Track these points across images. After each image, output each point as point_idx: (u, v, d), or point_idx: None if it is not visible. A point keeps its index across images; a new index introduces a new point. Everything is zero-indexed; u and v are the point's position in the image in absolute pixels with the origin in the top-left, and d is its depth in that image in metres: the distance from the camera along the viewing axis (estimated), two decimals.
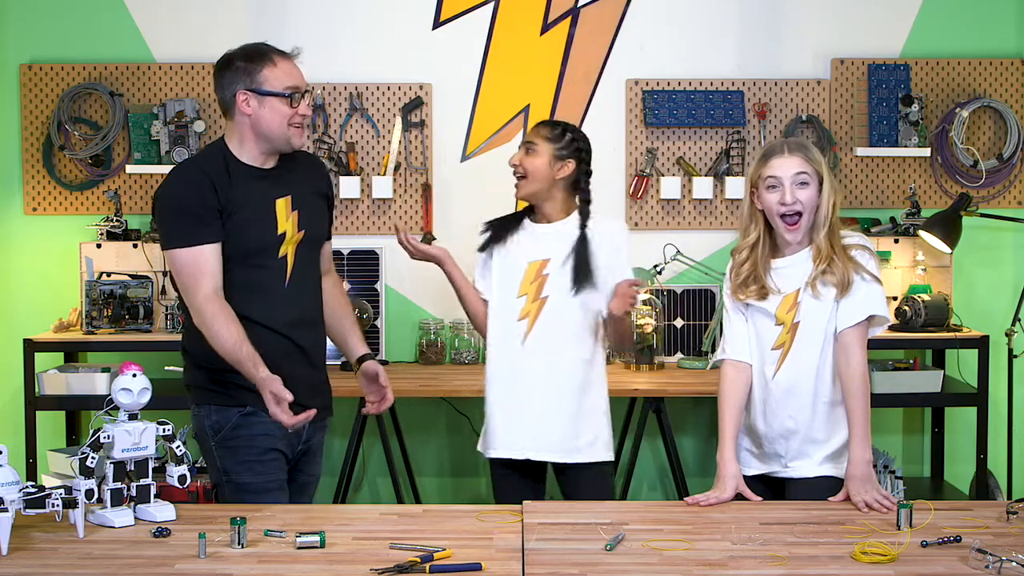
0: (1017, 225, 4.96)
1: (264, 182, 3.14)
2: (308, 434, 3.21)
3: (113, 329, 4.65)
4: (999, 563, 2.43)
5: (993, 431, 4.70)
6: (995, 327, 4.76)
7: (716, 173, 4.98)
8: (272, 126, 3.09)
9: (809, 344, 3.06)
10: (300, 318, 3.19)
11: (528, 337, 3.51)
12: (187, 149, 4.83)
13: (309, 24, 4.92)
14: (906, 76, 4.95)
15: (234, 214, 3.07)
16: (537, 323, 3.50)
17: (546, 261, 3.52)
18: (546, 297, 3.51)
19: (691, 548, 2.60)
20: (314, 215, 3.23)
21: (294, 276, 3.17)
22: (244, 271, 3.10)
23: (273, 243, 3.13)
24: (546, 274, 3.51)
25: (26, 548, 2.58)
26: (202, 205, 3.04)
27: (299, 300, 3.19)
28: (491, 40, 4.98)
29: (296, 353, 3.16)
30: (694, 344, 4.92)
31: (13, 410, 4.83)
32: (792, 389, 3.08)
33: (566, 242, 3.51)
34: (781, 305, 3.08)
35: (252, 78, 3.08)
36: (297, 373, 3.11)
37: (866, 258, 3.07)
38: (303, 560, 2.52)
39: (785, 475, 3.13)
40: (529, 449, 3.53)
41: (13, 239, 4.98)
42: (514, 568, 2.47)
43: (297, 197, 3.17)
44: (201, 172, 3.10)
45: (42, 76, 4.91)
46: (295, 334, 3.16)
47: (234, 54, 3.14)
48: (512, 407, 3.54)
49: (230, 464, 3.13)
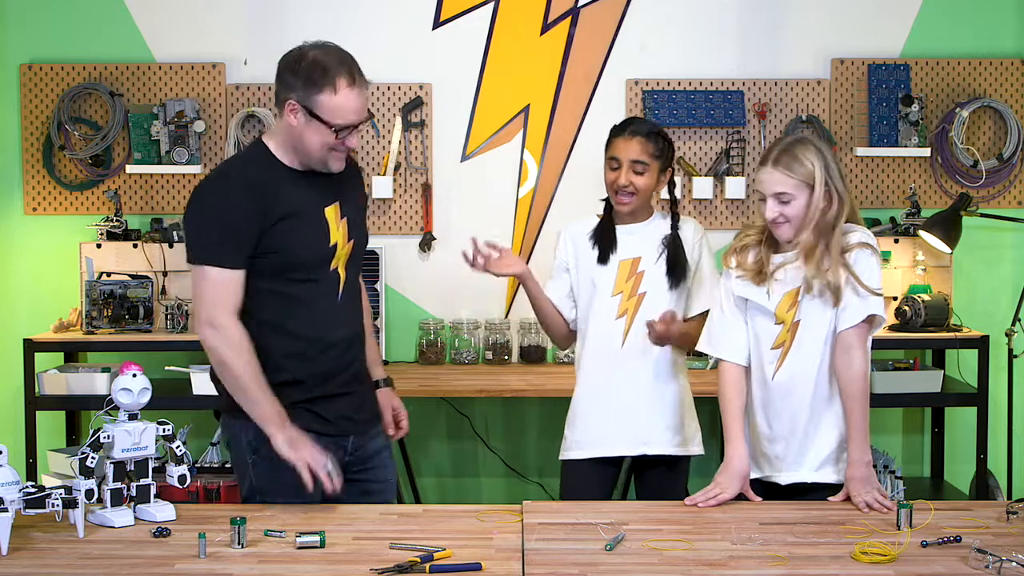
0: (1017, 225, 4.96)
1: (311, 188, 2.97)
2: (354, 445, 3.06)
3: (113, 329, 4.65)
4: (999, 563, 2.43)
5: (993, 431, 4.70)
6: (995, 327, 4.76)
7: (716, 173, 4.98)
8: (311, 147, 2.91)
9: (809, 343, 3.04)
10: (354, 334, 3.06)
11: (628, 333, 3.49)
12: (187, 149, 4.83)
13: (309, 24, 4.92)
14: (906, 76, 4.95)
15: (281, 221, 2.90)
16: (636, 320, 3.48)
17: (638, 259, 3.50)
18: (643, 293, 3.49)
19: (691, 548, 2.60)
20: (359, 223, 3.07)
21: (346, 290, 3.01)
22: (293, 285, 2.94)
23: (325, 255, 2.96)
24: (641, 271, 3.49)
25: (26, 548, 2.58)
26: (243, 227, 2.87)
27: (351, 316, 3.06)
28: (491, 40, 4.98)
29: (347, 371, 3.04)
30: None
31: (13, 410, 4.83)
32: (792, 389, 3.07)
33: (654, 239, 3.50)
34: (781, 303, 3.06)
35: (307, 95, 2.87)
36: (347, 391, 3.03)
37: (865, 258, 3.02)
38: (303, 560, 2.52)
39: (784, 480, 3.10)
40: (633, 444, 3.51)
41: (13, 239, 4.98)
42: (514, 568, 2.47)
43: (344, 204, 3.01)
44: (247, 186, 2.90)
45: (42, 76, 4.91)
46: (349, 353, 3.04)
47: (296, 60, 2.91)
48: (612, 404, 3.51)
49: (265, 484, 3.00)
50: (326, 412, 3.00)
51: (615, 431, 3.51)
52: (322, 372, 2.98)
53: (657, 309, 3.44)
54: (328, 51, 2.91)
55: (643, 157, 3.43)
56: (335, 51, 2.92)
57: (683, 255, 3.50)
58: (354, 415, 3.05)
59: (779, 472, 3.11)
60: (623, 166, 3.44)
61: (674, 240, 3.50)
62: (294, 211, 2.92)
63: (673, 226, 3.52)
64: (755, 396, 3.13)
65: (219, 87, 4.93)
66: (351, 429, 3.05)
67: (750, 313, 3.12)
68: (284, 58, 2.95)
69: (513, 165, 4.99)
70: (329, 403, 3.01)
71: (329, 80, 2.86)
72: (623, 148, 3.45)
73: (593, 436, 3.53)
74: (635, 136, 3.45)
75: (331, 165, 2.95)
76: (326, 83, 2.86)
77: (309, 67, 2.88)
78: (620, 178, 3.44)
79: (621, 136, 3.47)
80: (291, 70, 2.91)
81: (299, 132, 2.90)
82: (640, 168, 3.43)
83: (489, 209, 4.98)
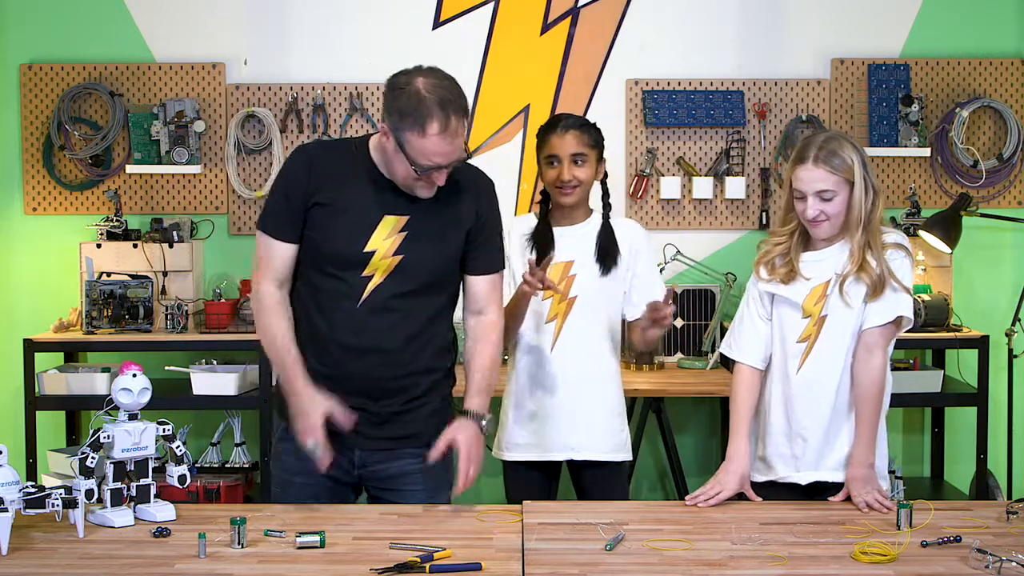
0: (1017, 225, 4.96)
1: (382, 191, 2.90)
2: (363, 460, 2.99)
3: (113, 329, 4.65)
4: (999, 563, 2.43)
5: (993, 431, 4.70)
6: (995, 327, 4.76)
7: (716, 173, 4.98)
8: (396, 174, 2.86)
9: (835, 339, 3.01)
10: (375, 349, 2.91)
11: (558, 338, 3.49)
12: (187, 149, 4.83)
13: (309, 24, 4.93)
14: (906, 76, 4.95)
15: (327, 206, 2.87)
16: (566, 324, 3.48)
17: (571, 262, 3.49)
18: (574, 298, 3.48)
19: (691, 548, 2.60)
20: (431, 245, 2.91)
21: (372, 299, 2.89)
22: (322, 278, 2.91)
23: (358, 258, 2.88)
24: (573, 275, 3.49)
25: (26, 548, 2.58)
26: (294, 197, 2.89)
27: (372, 325, 2.90)
28: (491, 40, 4.98)
29: (359, 383, 2.93)
30: (694, 344, 4.92)
31: (13, 410, 4.83)
32: (816, 385, 3.04)
33: (588, 241, 3.50)
34: (809, 297, 3.03)
35: (400, 126, 2.78)
36: (360, 406, 2.94)
37: (900, 259, 3.00)
38: (303, 560, 2.52)
39: (804, 480, 3.07)
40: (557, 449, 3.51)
41: (13, 239, 4.98)
42: (514, 568, 2.47)
43: (417, 220, 2.90)
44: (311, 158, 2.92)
45: (42, 76, 4.91)
46: (362, 363, 2.92)
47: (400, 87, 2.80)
48: (541, 407, 3.51)
49: (274, 473, 3.07)
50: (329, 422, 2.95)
51: (541, 435, 3.51)
52: (331, 372, 2.94)
53: (588, 314, 3.42)
54: (434, 85, 2.79)
55: (581, 149, 3.44)
56: (440, 87, 2.80)
57: (614, 245, 3.48)
58: (365, 431, 2.95)
59: (797, 472, 3.07)
60: (564, 161, 3.44)
61: (605, 228, 3.50)
62: (342, 201, 2.88)
63: (605, 216, 3.52)
64: (776, 393, 3.09)
65: (219, 87, 4.93)
66: (358, 443, 2.97)
67: (777, 307, 3.09)
68: (393, 77, 2.85)
69: (513, 165, 4.99)
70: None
71: (420, 121, 2.76)
72: (559, 144, 3.45)
73: (523, 439, 3.53)
74: (569, 130, 3.46)
75: (418, 193, 2.88)
76: (417, 123, 2.76)
77: (408, 99, 2.78)
78: (563, 173, 3.44)
79: (554, 133, 3.47)
80: (393, 94, 2.82)
81: (390, 155, 2.86)
82: (581, 160, 3.45)
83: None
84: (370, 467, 3.00)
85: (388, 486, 3.01)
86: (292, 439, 2.95)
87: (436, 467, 3.00)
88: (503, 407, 3.59)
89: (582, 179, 3.45)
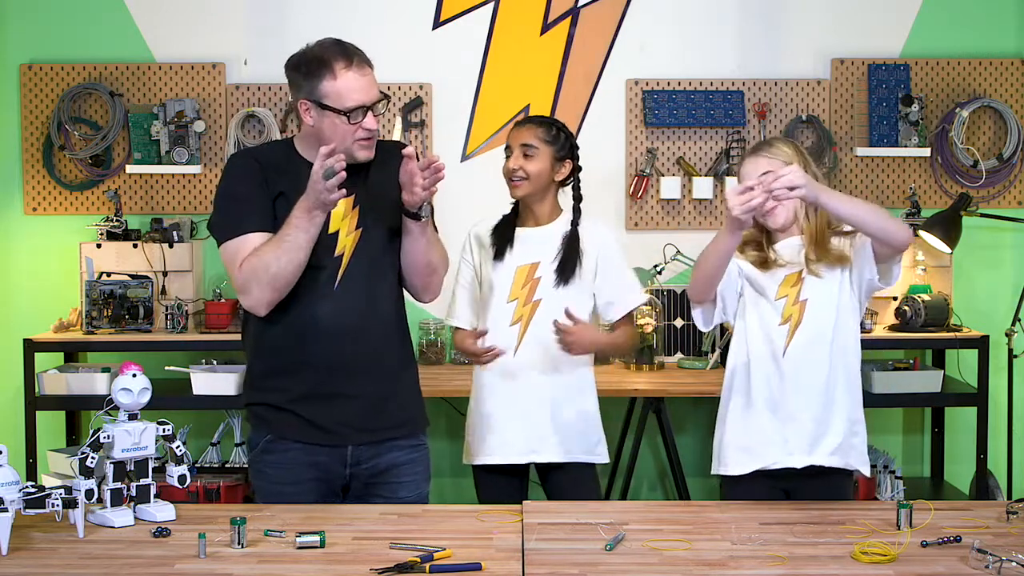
0: (1017, 225, 4.96)
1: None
2: (356, 456, 3.02)
3: (113, 329, 4.65)
4: (999, 563, 2.43)
5: (993, 431, 4.70)
6: (995, 327, 4.76)
7: (716, 173, 4.98)
8: (334, 139, 2.89)
9: (819, 318, 3.06)
10: (356, 325, 2.97)
11: (522, 341, 3.50)
12: (187, 149, 4.83)
13: (309, 24, 4.92)
14: (906, 76, 4.95)
15: (280, 197, 2.93)
16: (531, 327, 3.49)
17: (536, 264, 3.50)
18: (538, 300, 3.49)
19: (691, 548, 2.60)
20: (384, 211, 3.00)
21: (347, 277, 2.97)
22: None
23: (326, 241, 2.93)
24: (537, 277, 3.49)
25: (26, 548, 2.58)
26: (244, 192, 2.92)
27: (352, 304, 2.97)
28: (491, 40, 4.98)
29: (345, 367, 2.98)
30: (694, 344, 4.92)
31: (13, 410, 4.83)
32: (806, 362, 3.06)
33: (555, 244, 3.50)
34: (783, 284, 3.09)
35: (312, 88, 2.90)
36: (347, 392, 2.98)
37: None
38: (303, 560, 2.52)
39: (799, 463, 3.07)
40: (525, 452, 3.52)
41: (13, 239, 4.98)
42: (514, 568, 2.47)
43: (364, 195, 2.98)
44: (252, 159, 3.00)
45: (42, 76, 4.92)
46: (345, 343, 2.96)
47: (297, 59, 2.94)
48: (508, 411, 3.52)
49: (258, 486, 3.08)
50: (318, 417, 2.98)
51: (505, 438, 3.51)
52: (314, 362, 2.96)
53: (552, 317, 3.41)
54: (323, 42, 2.94)
55: (532, 141, 3.47)
56: (331, 41, 2.95)
57: (575, 254, 3.48)
58: (355, 422, 3.00)
59: (789, 456, 3.07)
60: (514, 151, 3.48)
61: (571, 236, 3.50)
62: (294, 193, 2.88)
63: (573, 222, 3.51)
64: (766, 379, 3.09)
65: (219, 87, 4.94)
66: (351, 438, 3.00)
67: (754, 294, 3.12)
68: (287, 62, 2.98)
69: None
70: (324, 405, 2.99)
71: (326, 67, 2.89)
72: (514, 135, 3.53)
73: (490, 443, 3.53)
74: (527, 124, 3.54)
75: (358, 155, 2.95)
76: (324, 72, 2.89)
77: (307, 62, 2.92)
78: (511, 162, 3.48)
79: (515, 127, 3.54)
80: (294, 69, 2.95)
81: (318, 129, 2.93)
82: (530, 152, 3.47)
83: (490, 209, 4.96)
84: (363, 464, 3.03)
85: (382, 479, 3.06)
86: (276, 451, 2.99)
87: (420, 459, 3.13)
88: (469, 410, 3.61)
89: (530, 171, 3.46)
